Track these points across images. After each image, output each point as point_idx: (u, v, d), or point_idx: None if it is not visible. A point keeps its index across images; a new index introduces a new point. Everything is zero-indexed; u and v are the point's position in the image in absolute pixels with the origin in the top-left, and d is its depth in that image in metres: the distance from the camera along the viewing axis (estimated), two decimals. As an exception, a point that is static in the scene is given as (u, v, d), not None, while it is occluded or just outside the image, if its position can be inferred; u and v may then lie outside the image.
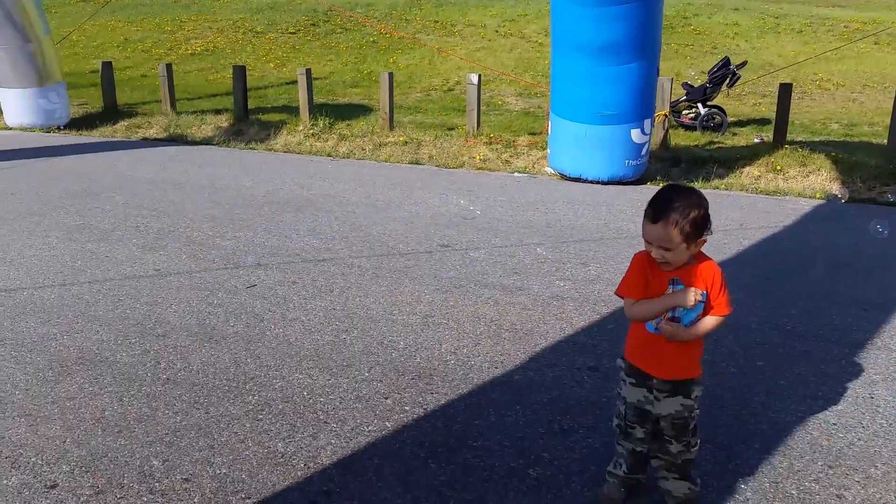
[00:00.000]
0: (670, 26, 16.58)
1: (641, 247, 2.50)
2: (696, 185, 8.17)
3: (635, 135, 7.97)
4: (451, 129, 10.91)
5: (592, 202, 7.42)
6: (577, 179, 8.31)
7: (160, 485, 2.78)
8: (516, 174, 8.92)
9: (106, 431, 3.14)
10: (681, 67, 14.91)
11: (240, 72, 11.70)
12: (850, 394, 3.55)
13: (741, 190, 8.12)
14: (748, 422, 3.29)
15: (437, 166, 9.34)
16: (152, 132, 11.64)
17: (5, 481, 2.81)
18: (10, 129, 11.96)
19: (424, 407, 3.38)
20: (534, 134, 10.41)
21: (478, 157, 9.43)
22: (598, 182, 8.19)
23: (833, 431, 3.21)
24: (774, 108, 9.65)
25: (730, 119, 11.34)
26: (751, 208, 7.30)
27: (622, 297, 2.54)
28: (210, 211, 6.88)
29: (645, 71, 7.79)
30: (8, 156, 9.58)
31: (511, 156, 9.49)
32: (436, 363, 3.82)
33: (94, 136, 11.65)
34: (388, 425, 3.22)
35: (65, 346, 3.98)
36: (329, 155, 10.07)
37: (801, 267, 5.47)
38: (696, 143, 10.12)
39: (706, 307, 2.45)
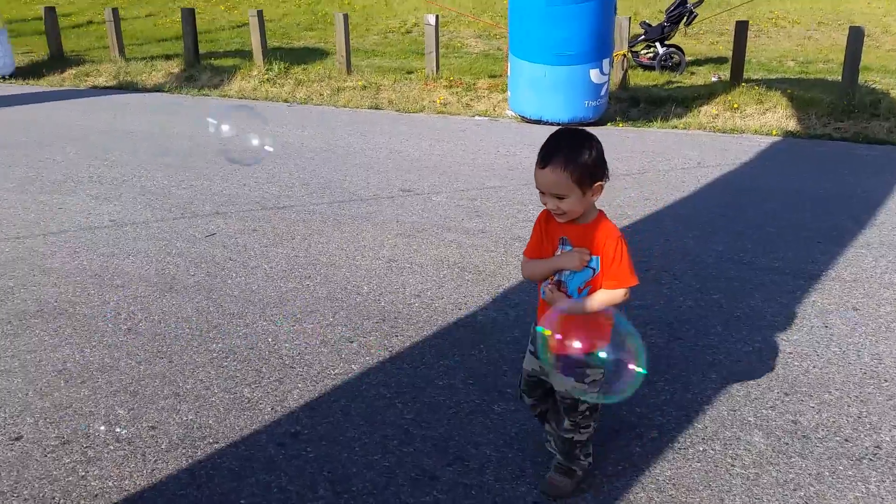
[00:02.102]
0: (629, -36, 16.39)
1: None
2: (656, 125, 8.23)
3: (594, 75, 7.95)
4: (410, 72, 10.75)
5: (553, 144, 7.41)
6: (538, 122, 8.29)
7: (126, 432, 2.77)
8: (477, 118, 8.86)
9: (69, 383, 3.11)
10: (639, 6, 14.82)
11: (189, 15, 11.32)
12: (805, 324, 3.66)
13: (699, 128, 8.18)
14: (706, 353, 3.38)
15: (397, 111, 9.23)
16: (101, 80, 11.26)
17: (-33, 436, 2.78)
18: (-49, 79, 11.50)
19: (390, 349, 3.40)
20: (494, 76, 10.32)
21: (438, 101, 9.33)
22: (558, 124, 8.17)
23: (789, 360, 3.32)
24: (731, 47, 9.67)
25: (687, 58, 11.36)
26: (709, 146, 7.37)
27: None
28: (164, 159, 6.73)
29: (602, 9, 7.73)
30: (-51, 107, 9.22)
31: (472, 99, 9.41)
32: (400, 306, 3.84)
33: (42, 85, 11.25)
34: (354, 368, 3.24)
35: (22, 299, 3.89)
36: (286, 100, 9.87)
37: (756, 202, 5.57)
38: (654, 83, 10.14)
39: (600, 277, 2.19)
